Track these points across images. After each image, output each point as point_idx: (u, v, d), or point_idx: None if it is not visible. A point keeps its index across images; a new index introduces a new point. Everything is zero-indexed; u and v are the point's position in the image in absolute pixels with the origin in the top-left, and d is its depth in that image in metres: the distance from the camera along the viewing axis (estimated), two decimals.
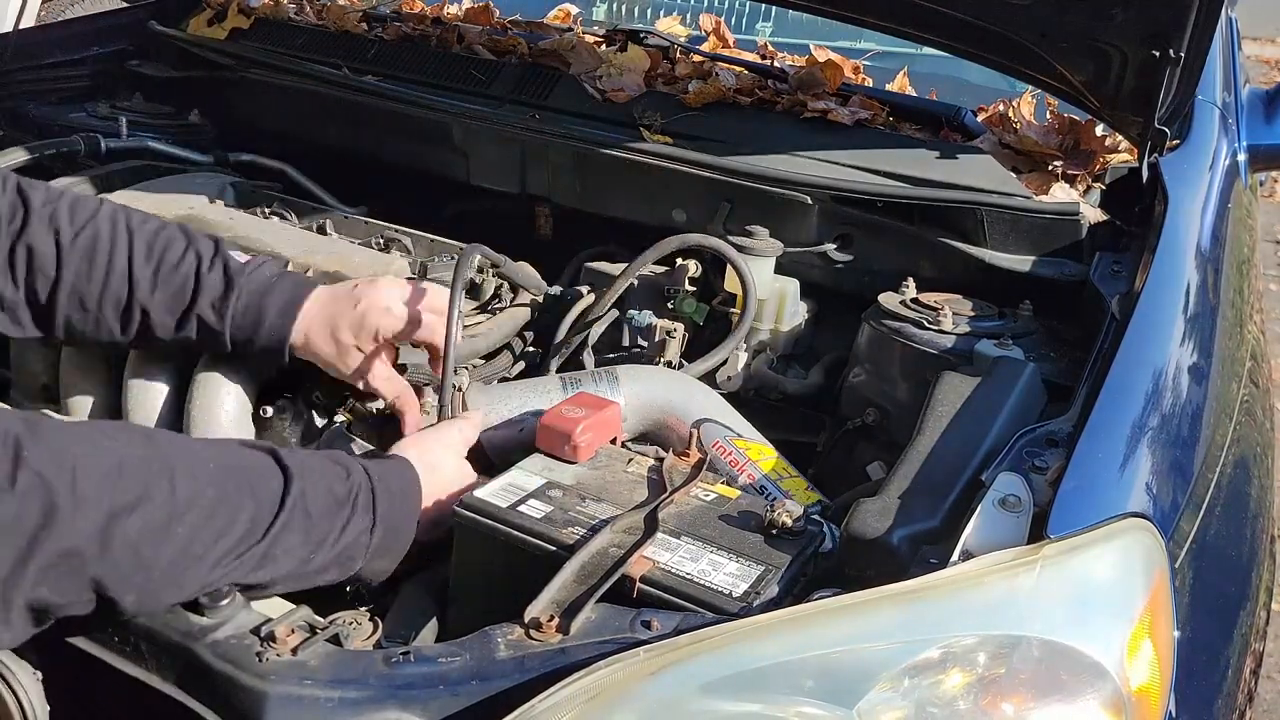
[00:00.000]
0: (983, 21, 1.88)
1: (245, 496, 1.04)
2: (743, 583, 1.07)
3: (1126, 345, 1.29)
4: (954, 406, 1.30)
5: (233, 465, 1.07)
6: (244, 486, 1.05)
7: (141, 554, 0.96)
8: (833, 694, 0.94)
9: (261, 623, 1.03)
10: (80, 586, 0.94)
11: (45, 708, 1.10)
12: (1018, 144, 1.97)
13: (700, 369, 1.65)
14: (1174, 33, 1.59)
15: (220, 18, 2.47)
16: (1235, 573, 1.35)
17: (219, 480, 1.03)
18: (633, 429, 1.51)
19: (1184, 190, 1.65)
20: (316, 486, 1.10)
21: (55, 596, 0.93)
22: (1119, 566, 1.04)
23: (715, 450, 1.46)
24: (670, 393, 1.54)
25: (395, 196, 2.21)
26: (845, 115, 1.97)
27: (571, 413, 1.30)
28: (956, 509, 1.12)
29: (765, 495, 1.40)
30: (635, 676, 0.94)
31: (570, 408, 1.32)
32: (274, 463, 1.10)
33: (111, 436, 1.01)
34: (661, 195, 1.97)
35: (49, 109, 2.29)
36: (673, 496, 1.21)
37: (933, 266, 1.77)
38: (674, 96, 2.07)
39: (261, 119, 2.36)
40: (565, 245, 2.06)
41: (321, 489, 1.11)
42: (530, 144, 2.07)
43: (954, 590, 0.99)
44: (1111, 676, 0.96)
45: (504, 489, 1.20)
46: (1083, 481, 1.09)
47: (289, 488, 1.07)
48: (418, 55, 2.29)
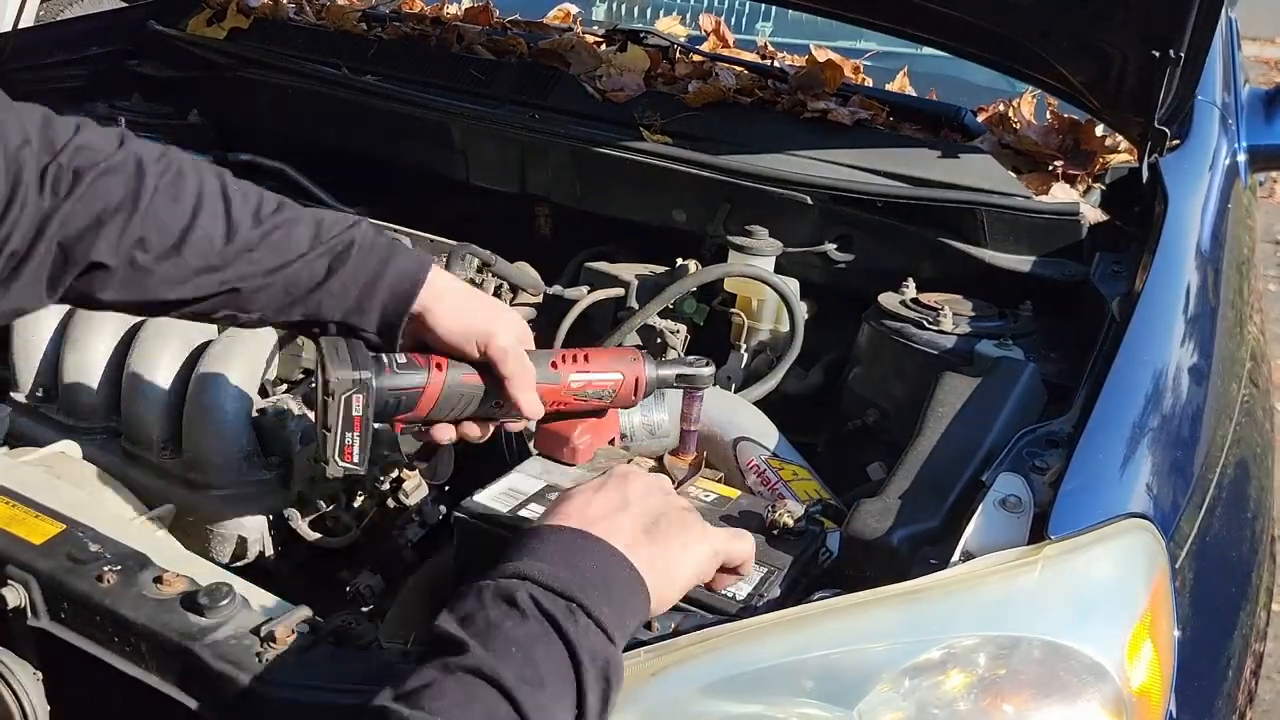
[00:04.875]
0: (983, 21, 1.88)
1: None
2: (745, 585, 1.07)
3: (1126, 345, 1.29)
4: (954, 407, 1.30)
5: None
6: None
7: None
8: (833, 695, 0.94)
9: (261, 623, 1.03)
10: None
11: (45, 708, 1.10)
12: (1018, 144, 1.97)
13: (754, 395, 1.66)
14: (1174, 33, 1.58)
15: (220, 17, 2.47)
16: (1235, 573, 1.35)
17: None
18: (675, 443, 1.48)
19: (1184, 190, 1.64)
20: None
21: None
22: (1119, 567, 1.04)
23: (749, 469, 1.46)
24: (716, 411, 1.53)
25: (395, 196, 2.21)
26: (845, 115, 1.96)
27: None
28: (957, 509, 1.11)
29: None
30: (635, 677, 0.94)
31: None
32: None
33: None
34: (661, 195, 1.97)
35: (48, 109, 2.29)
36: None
37: (933, 266, 1.77)
38: (674, 96, 2.06)
39: (261, 119, 2.36)
40: (565, 245, 2.06)
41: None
42: (530, 144, 2.07)
43: (954, 591, 0.99)
44: (1112, 677, 0.96)
45: (504, 493, 1.20)
46: (1083, 482, 1.08)
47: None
48: (417, 55, 2.28)
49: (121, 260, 1.03)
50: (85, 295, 1.05)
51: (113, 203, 1.02)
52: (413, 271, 1.12)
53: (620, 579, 0.90)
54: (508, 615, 0.84)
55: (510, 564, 0.88)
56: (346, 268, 1.10)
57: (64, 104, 2.30)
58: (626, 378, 1.21)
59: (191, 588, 1.07)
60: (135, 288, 1.05)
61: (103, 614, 1.05)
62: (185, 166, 1.09)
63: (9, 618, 1.09)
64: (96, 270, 1.02)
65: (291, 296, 1.10)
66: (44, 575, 1.08)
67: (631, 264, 1.91)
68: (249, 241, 1.07)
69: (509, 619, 0.84)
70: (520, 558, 0.89)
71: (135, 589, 1.07)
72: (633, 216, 2.03)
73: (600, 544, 0.91)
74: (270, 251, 1.08)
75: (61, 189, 1.00)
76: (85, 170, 1.02)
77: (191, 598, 1.05)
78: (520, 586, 0.86)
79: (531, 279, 1.82)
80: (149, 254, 1.04)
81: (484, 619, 0.84)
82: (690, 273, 1.77)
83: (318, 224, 1.11)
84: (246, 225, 1.08)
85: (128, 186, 1.03)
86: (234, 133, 2.34)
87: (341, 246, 1.10)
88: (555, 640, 0.83)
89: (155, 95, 2.41)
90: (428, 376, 1.11)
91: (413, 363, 1.12)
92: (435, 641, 0.84)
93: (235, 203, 1.08)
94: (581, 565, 0.89)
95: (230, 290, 1.08)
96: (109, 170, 1.03)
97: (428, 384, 1.11)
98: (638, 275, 1.85)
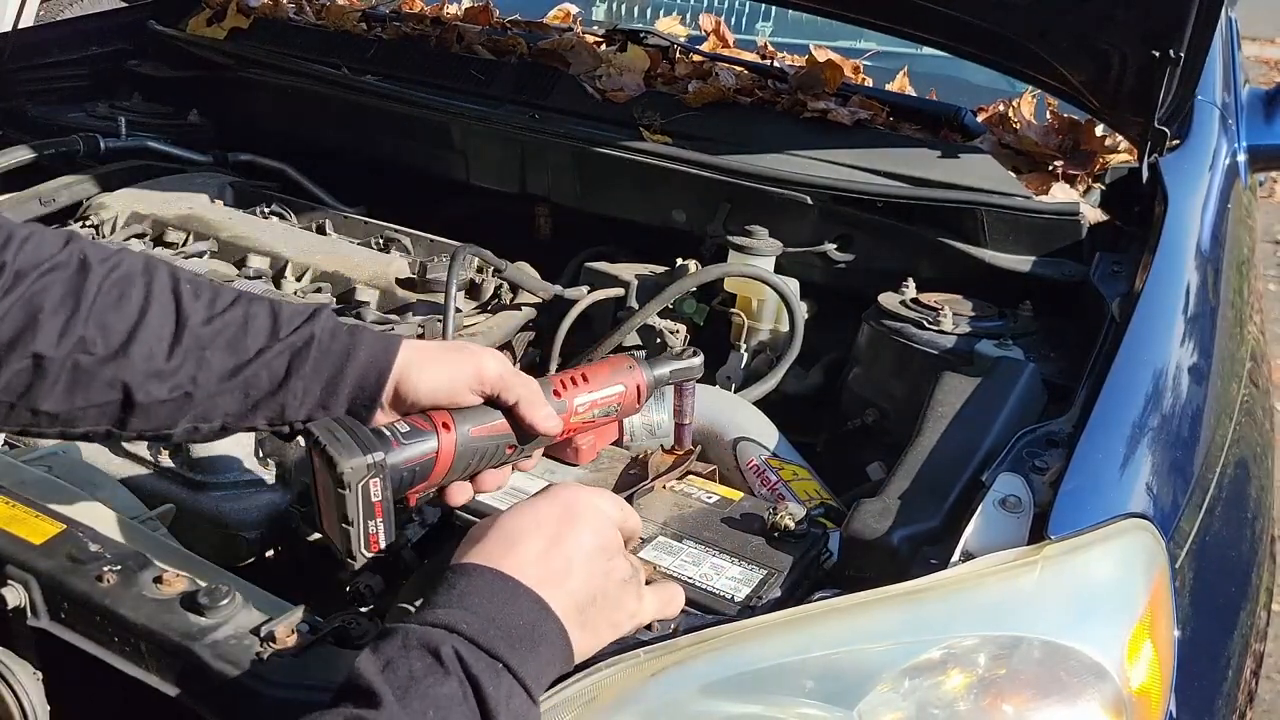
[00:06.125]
0: (983, 21, 1.88)
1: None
2: (745, 587, 1.07)
3: (1126, 345, 1.29)
4: (954, 407, 1.30)
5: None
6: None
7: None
8: (833, 695, 0.94)
9: (261, 623, 1.03)
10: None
11: (45, 708, 1.10)
12: (1018, 144, 1.97)
13: (754, 395, 1.65)
14: (1174, 33, 1.58)
15: (219, 17, 2.47)
16: (1235, 573, 1.35)
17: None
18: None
19: (1184, 190, 1.64)
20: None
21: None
22: (1119, 567, 1.04)
23: (750, 470, 1.46)
24: (716, 412, 1.53)
25: (395, 196, 2.21)
26: (845, 115, 1.96)
27: None
28: (957, 509, 1.11)
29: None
30: (635, 677, 0.94)
31: None
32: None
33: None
34: (661, 195, 1.97)
35: (48, 109, 2.29)
36: (650, 485, 1.22)
37: (933, 266, 1.77)
38: (674, 96, 2.06)
39: (261, 119, 2.36)
40: (565, 245, 2.06)
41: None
42: (530, 144, 2.07)
43: (954, 591, 0.99)
44: (1112, 677, 0.96)
45: (506, 492, 1.20)
46: (1083, 482, 1.08)
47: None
48: (417, 55, 2.28)
49: (62, 359, 0.97)
50: (29, 410, 0.99)
51: (53, 301, 0.97)
52: (379, 359, 1.06)
53: (548, 636, 0.89)
54: (430, 670, 0.82)
55: (439, 611, 0.86)
56: (307, 366, 1.04)
57: (64, 104, 2.34)
58: (628, 388, 1.19)
59: (191, 588, 1.07)
60: (80, 394, 0.98)
61: (103, 614, 1.05)
62: (134, 266, 1.03)
63: (9, 618, 1.09)
64: (37, 370, 0.97)
65: (252, 400, 1.03)
66: (44, 575, 1.08)
67: (631, 264, 1.91)
68: (200, 339, 1.01)
69: (431, 674, 0.82)
70: (449, 604, 0.87)
71: (135, 589, 1.07)
72: (633, 216, 2.03)
73: (532, 597, 0.89)
74: (225, 351, 1.02)
75: (1, 288, 0.96)
76: (27, 271, 0.98)
77: (191, 598, 1.05)
78: (447, 639, 0.84)
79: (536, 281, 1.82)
80: (92, 356, 0.98)
81: (406, 670, 0.82)
82: (690, 273, 1.77)
83: (274, 317, 1.05)
84: (198, 321, 1.02)
85: (68, 285, 0.99)
86: (234, 133, 2.34)
87: (301, 342, 1.04)
88: (474, 707, 0.82)
89: (155, 95, 2.41)
90: (438, 439, 1.04)
91: (417, 428, 1.04)
92: (351, 688, 0.82)
93: (186, 299, 1.02)
94: (511, 618, 0.87)
95: (183, 395, 1.01)
96: (52, 269, 0.99)
97: (440, 447, 1.04)
98: (638, 275, 1.85)
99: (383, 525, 1.01)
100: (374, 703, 0.79)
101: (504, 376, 1.09)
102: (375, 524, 1.00)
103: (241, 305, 1.05)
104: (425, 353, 1.09)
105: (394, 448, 1.02)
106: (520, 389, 1.09)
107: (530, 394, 1.09)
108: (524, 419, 1.09)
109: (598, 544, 0.96)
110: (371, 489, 0.99)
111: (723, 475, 1.45)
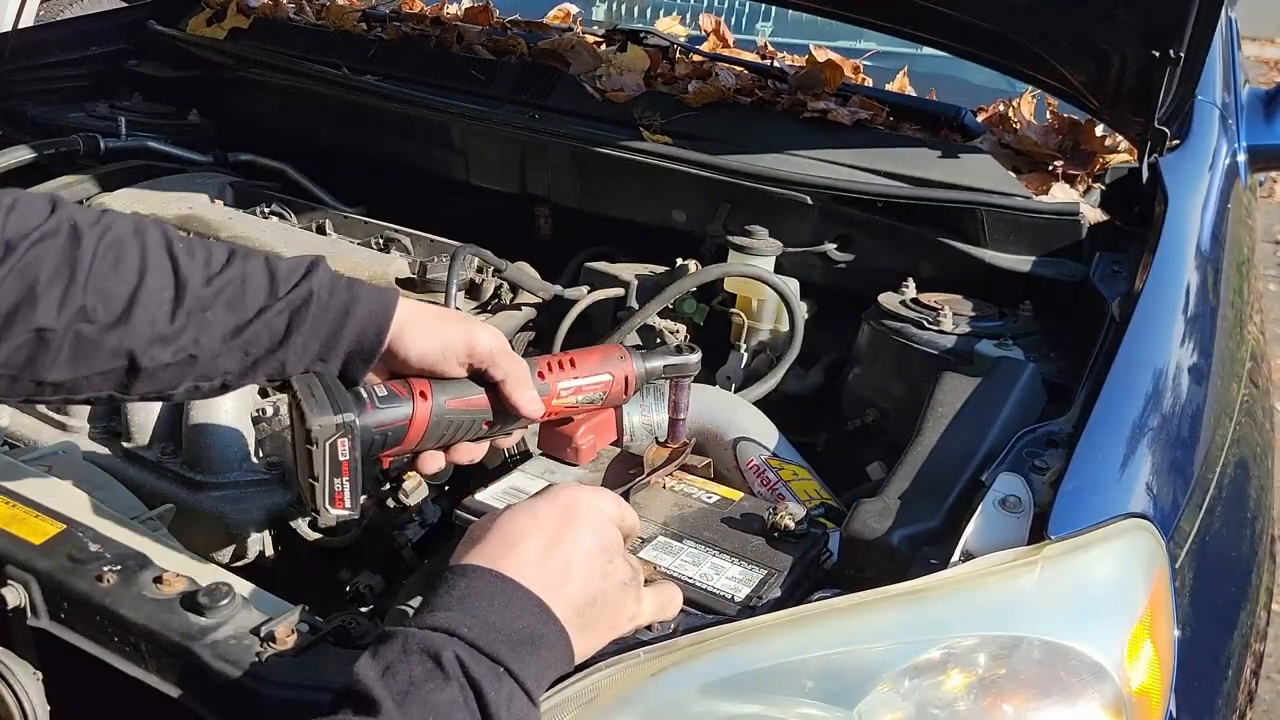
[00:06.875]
0: (983, 21, 1.87)
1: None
2: (745, 587, 1.07)
3: (1126, 345, 1.29)
4: (954, 407, 1.30)
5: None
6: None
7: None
8: (833, 695, 0.94)
9: (261, 623, 1.03)
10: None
11: (45, 708, 1.10)
12: (1018, 144, 1.97)
13: (754, 395, 1.65)
14: (1174, 33, 1.58)
15: (219, 17, 2.47)
16: (1235, 573, 1.35)
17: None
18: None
19: (1184, 190, 1.65)
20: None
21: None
22: (1119, 567, 1.04)
23: (749, 469, 1.46)
24: (716, 411, 1.53)
25: (395, 196, 2.21)
26: (845, 115, 1.97)
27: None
28: (956, 509, 1.11)
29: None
30: (635, 677, 0.94)
31: None
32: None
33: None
34: (661, 195, 1.97)
35: (48, 109, 2.29)
36: (646, 480, 1.22)
37: (933, 266, 1.77)
38: (674, 96, 2.06)
39: (261, 119, 2.36)
40: (565, 245, 2.06)
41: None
42: (530, 144, 2.07)
43: (954, 591, 0.99)
44: (1112, 677, 0.96)
45: (506, 492, 1.20)
46: (1083, 482, 1.08)
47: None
48: (417, 55, 2.28)
49: (64, 329, 0.95)
50: (33, 381, 0.97)
51: (48, 271, 0.95)
52: (378, 314, 1.06)
53: (548, 638, 0.89)
54: (430, 675, 0.81)
55: (439, 614, 0.85)
56: (307, 323, 1.03)
57: (64, 104, 2.34)
58: (615, 377, 1.19)
59: (191, 588, 1.07)
60: (85, 363, 0.97)
61: (103, 614, 1.05)
62: (125, 228, 1.01)
63: (9, 618, 1.09)
64: (40, 342, 0.95)
65: (253, 358, 1.03)
66: (44, 575, 1.08)
67: (631, 264, 1.91)
68: (201, 301, 1.00)
69: (431, 680, 0.81)
70: (449, 607, 0.86)
71: (135, 589, 1.07)
72: (633, 216, 2.03)
73: (532, 599, 0.89)
74: (225, 311, 1.01)
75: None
76: (17, 241, 0.96)
77: (191, 598, 1.05)
78: (447, 644, 0.83)
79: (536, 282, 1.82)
80: (94, 324, 0.96)
81: (406, 676, 0.81)
82: (690, 273, 1.77)
83: (271, 274, 1.04)
84: (198, 282, 1.01)
85: (62, 253, 0.97)
86: (234, 133, 2.34)
87: (300, 300, 1.03)
88: (475, 711, 0.81)
89: (155, 95, 2.41)
90: (413, 407, 1.06)
91: (394, 394, 1.06)
92: (350, 693, 0.81)
93: (182, 260, 1.01)
94: (512, 621, 0.87)
95: (187, 358, 1.00)
96: (42, 238, 0.96)
97: (414, 415, 1.06)
98: (638, 275, 1.85)
99: (349, 484, 1.02)
100: (373, 709, 0.79)
101: (495, 353, 1.10)
102: (341, 482, 1.02)
103: (238, 263, 1.04)
104: (421, 314, 1.10)
105: (367, 410, 1.03)
106: (508, 368, 1.10)
107: (518, 375, 1.11)
108: (508, 399, 1.10)
109: (597, 545, 0.96)
110: (340, 447, 1.01)
111: (723, 475, 1.45)
